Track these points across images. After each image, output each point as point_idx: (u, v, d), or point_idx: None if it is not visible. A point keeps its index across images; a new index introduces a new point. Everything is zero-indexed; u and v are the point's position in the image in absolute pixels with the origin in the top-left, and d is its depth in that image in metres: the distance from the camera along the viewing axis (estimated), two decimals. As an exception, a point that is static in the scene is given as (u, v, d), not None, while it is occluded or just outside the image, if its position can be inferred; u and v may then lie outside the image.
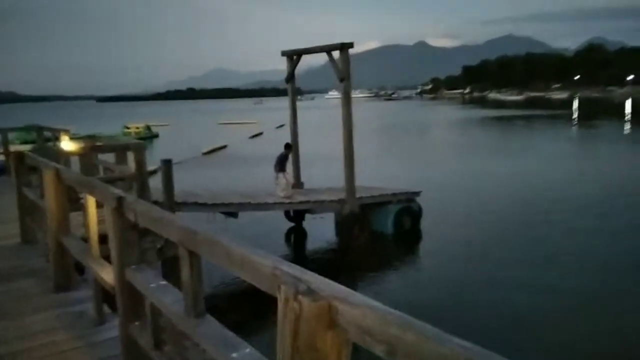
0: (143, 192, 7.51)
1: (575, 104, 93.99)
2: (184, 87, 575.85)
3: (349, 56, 12.61)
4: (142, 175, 7.42)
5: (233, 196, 12.35)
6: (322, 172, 19.77)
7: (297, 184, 14.73)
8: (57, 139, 10.94)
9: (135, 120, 62.98)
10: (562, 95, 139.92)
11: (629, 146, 32.53)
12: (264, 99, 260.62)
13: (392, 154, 31.01)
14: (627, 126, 47.05)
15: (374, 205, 13.46)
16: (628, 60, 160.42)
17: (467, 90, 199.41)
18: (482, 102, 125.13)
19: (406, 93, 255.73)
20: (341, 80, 12.69)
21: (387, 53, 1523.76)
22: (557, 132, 44.10)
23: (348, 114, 13.01)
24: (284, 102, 19.60)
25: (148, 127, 49.67)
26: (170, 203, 10.09)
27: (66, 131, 11.22)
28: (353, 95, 13.28)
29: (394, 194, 13.67)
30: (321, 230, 14.04)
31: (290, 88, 14.55)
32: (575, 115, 65.20)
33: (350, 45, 12.50)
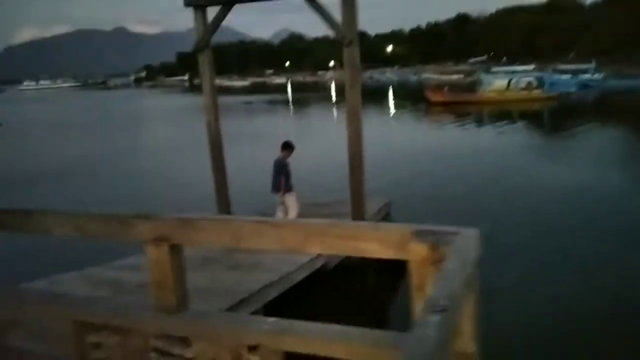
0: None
1: (289, 86, 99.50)
2: None
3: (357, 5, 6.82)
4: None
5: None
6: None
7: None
8: None
9: None
10: (281, 80, 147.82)
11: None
12: None
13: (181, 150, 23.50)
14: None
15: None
16: (324, 48, 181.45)
17: (186, 77, 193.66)
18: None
19: (119, 81, 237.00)
20: (348, 44, 6.77)
21: (83, 39, 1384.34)
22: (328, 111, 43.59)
23: (355, 102, 7.14)
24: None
25: None
26: None
27: None
28: (55, 85, 7.29)
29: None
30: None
31: (205, 60, 7.61)
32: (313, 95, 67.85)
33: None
